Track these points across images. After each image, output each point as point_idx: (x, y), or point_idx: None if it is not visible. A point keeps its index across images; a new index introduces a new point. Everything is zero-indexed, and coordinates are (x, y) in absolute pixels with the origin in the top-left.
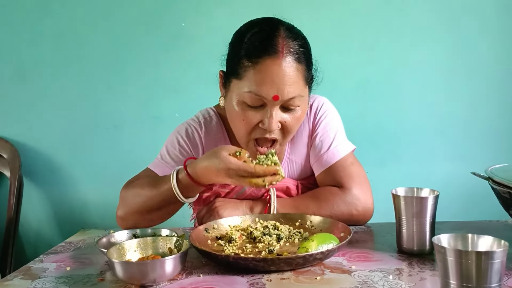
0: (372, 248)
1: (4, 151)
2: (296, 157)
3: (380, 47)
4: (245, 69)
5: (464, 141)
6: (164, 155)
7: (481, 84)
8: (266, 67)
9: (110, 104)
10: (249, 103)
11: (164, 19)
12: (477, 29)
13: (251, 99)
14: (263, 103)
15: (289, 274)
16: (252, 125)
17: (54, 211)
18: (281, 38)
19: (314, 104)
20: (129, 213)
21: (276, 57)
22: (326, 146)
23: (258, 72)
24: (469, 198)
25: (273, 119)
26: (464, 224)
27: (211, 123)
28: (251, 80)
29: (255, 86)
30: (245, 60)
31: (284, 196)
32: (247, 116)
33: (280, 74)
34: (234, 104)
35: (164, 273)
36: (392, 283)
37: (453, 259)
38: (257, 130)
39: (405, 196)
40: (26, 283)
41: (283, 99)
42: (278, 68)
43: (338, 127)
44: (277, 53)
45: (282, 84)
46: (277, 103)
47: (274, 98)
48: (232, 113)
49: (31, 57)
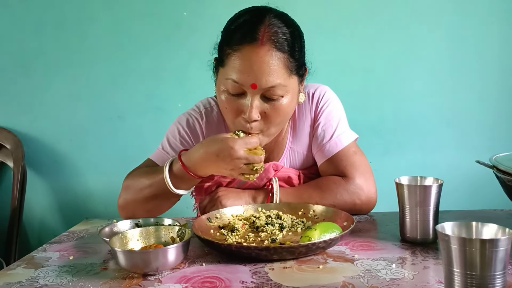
0: (375, 237)
1: (8, 142)
2: (298, 147)
3: (385, 36)
4: (227, 56)
5: (468, 130)
6: (165, 145)
7: (486, 73)
8: (244, 54)
9: (113, 94)
10: (231, 91)
11: (166, 9)
12: (484, 18)
13: (232, 86)
14: (243, 91)
15: (292, 263)
16: (234, 114)
17: (57, 201)
18: (264, 26)
19: (316, 93)
20: (127, 202)
21: (255, 45)
22: (329, 136)
23: (237, 59)
24: (474, 187)
25: (253, 109)
26: (468, 213)
27: (212, 113)
28: (231, 68)
29: (234, 73)
30: (227, 48)
31: (286, 185)
32: (230, 104)
33: (258, 62)
34: (220, 92)
35: (167, 262)
36: (395, 272)
37: (457, 247)
38: (240, 121)
39: (409, 185)
40: (29, 272)
41: (262, 87)
42: (256, 56)
43: (340, 116)
44: (257, 40)
45: (260, 72)
46: (256, 91)
47: (252, 86)
48: (219, 101)
49: (34, 48)
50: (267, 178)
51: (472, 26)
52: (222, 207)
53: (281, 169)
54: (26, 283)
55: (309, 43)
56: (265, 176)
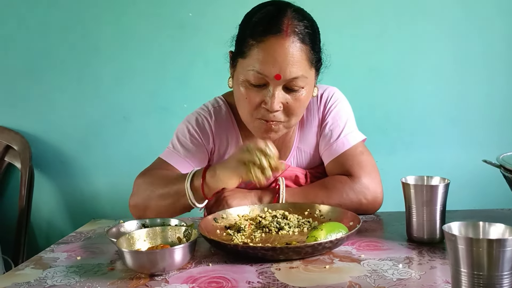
0: (381, 237)
1: (15, 143)
2: (305, 146)
3: (390, 35)
4: (250, 47)
5: (475, 129)
6: (175, 144)
7: (493, 71)
8: (269, 46)
9: (118, 95)
10: (252, 82)
11: (171, 9)
12: (490, 15)
13: (254, 77)
14: (266, 82)
15: (298, 263)
16: (254, 104)
17: (65, 201)
18: (287, 18)
19: (325, 94)
20: (140, 204)
21: (280, 36)
22: (336, 135)
23: (262, 51)
24: (480, 186)
25: (275, 99)
26: (475, 213)
27: (221, 112)
28: (254, 59)
29: (258, 64)
30: (250, 39)
31: (293, 185)
32: (250, 95)
33: (283, 53)
34: (239, 83)
35: (174, 262)
36: (402, 272)
37: (464, 247)
38: (260, 110)
39: (415, 185)
40: (37, 273)
41: (286, 78)
42: (281, 47)
43: (348, 116)
44: (281, 32)
45: (284, 63)
46: (280, 82)
47: (276, 77)
48: (237, 92)
49: (40, 50)
50: (274, 177)
51: (478, 24)
52: (228, 207)
53: (288, 168)
54: (35, 283)
55: None
56: None
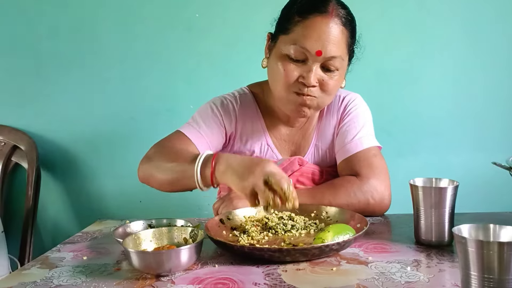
0: (389, 239)
1: (22, 143)
2: (323, 145)
3: (398, 37)
4: (295, 23)
5: (484, 131)
6: (196, 118)
7: (501, 73)
8: (314, 23)
9: (125, 96)
10: (292, 56)
11: (178, 11)
12: (496, 16)
13: (296, 51)
14: (305, 58)
15: (305, 265)
16: (292, 78)
17: (71, 201)
18: (332, 2)
19: (347, 97)
20: (146, 171)
21: (325, 16)
22: (351, 136)
23: (306, 27)
24: (490, 188)
25: (313, 73)
26: (484, 216)
27: (246, 99)
28: (298, 33)
29: (301, 38)
30: (296, 16)
31: (310, 181)
32: (289, 69)
33: (327, 32)
34: (278, 58)
35: (180, 263)
36: (410, 275)
37: (474, 250)
38: (297, 85)
39: (424, 187)
40: (43, 272)
41: (325, 55)
42: (325, 26)
43: (366, 122)
44: (327, 12)
45: (327, 41)
46: (319, 59)
47: (317, 53)
48: (274, 68)
49: (47, 51)
50: (291, 170)
51: (485, 26)
52: (234, 208)
53: (306, 164)
54: (41, 283)
55: None
56: (289, 168)
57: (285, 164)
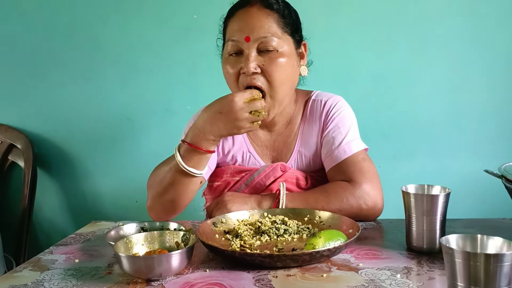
0: (380, 245)
1: (19, 142)
2: (306, 151)
3: (395, 40)
4: (227, 26)
5: (478, 138)
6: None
7: (497, 80)
8: (239, 16)
9: (122, 96)
10: (230, 51)
11: (176, 11)
12: (494, 21)
13: (231, 47)
14: (240, 49)
15: (296, 270)
16: (236, 72)
17: (67, 201)
18: None
19: (329, 101)
20: (153, 198)
21: (247, 7)
22: (338, 142)
23: (233, 22)
24: (482, 195)
25: (249, 60)
26: (476, 222)
27: None
28: (229, 31)
29: (231, 33)
30: (226, 20)
31: (294, 187)
32: (231, 64)
33: (250, 19)
34: (224, 62)
35: (170, 268)
36: (400, 282)
37: (461, 261)
38: (242, 79)
39: (415, 194)
40: (35, 275)
41: (254, 38)
42: (248, 15)
43: (351, 125)
44: (249, 4)
45: (252, 26)
46: (251, 44)
47: (246, 39)
48: (224, 71)
49: (45, 50)
50: (274, 177)
51: (483, 29)
52: (227, 211)
53: (289, 170)
54: (32, 286)
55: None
56: (272, 175)
57: (268, 171)
